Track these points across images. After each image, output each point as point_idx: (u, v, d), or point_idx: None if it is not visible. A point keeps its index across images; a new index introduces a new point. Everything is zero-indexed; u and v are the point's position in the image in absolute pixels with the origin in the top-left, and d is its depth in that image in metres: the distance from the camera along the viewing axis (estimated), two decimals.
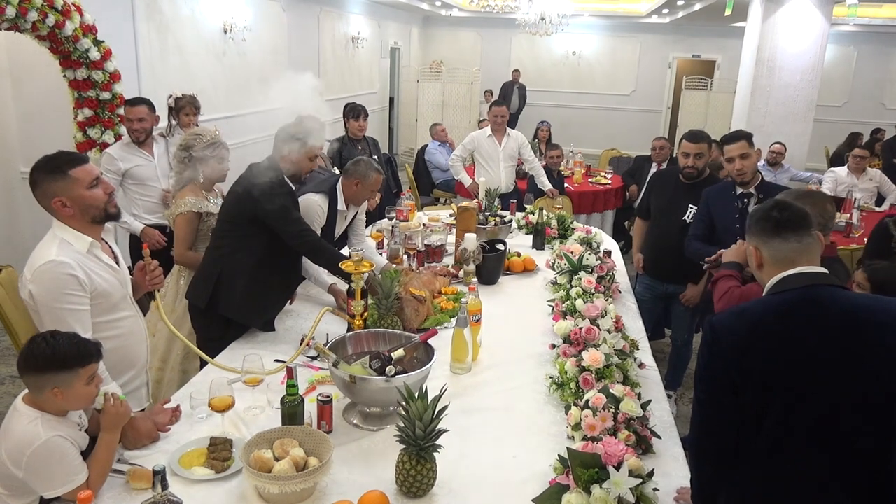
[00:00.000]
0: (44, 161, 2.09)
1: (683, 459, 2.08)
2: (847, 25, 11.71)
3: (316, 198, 3.13)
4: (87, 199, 2.06)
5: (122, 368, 2.25)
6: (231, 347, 2.74)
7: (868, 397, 1.52)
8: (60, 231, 2.07)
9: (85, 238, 2.09)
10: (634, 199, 6.78)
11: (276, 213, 2.77)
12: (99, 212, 2.10)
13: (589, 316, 2.68)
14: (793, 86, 7.16)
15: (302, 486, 1.76)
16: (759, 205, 1.83)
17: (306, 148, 2.86)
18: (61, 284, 2.00)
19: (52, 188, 2.03)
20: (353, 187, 3.21)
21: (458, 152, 5.84)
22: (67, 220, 2.07)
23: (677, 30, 13.45)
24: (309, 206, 3.08)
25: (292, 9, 7.98)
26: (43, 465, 1.70)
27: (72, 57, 4.38)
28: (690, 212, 3.70)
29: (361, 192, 3.23)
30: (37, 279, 2.00)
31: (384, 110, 12.21)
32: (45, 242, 2.07)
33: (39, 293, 2.00)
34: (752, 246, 1.78)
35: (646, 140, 7.96)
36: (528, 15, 9.62)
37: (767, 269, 1.73)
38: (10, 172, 5.08)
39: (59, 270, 1.99)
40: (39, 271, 2.00)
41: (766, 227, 1.72)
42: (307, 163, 2.93)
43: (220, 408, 2.10)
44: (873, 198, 6.37)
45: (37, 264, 2.01)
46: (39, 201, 2.08)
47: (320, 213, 3.13)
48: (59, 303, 2.00)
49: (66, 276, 2.00)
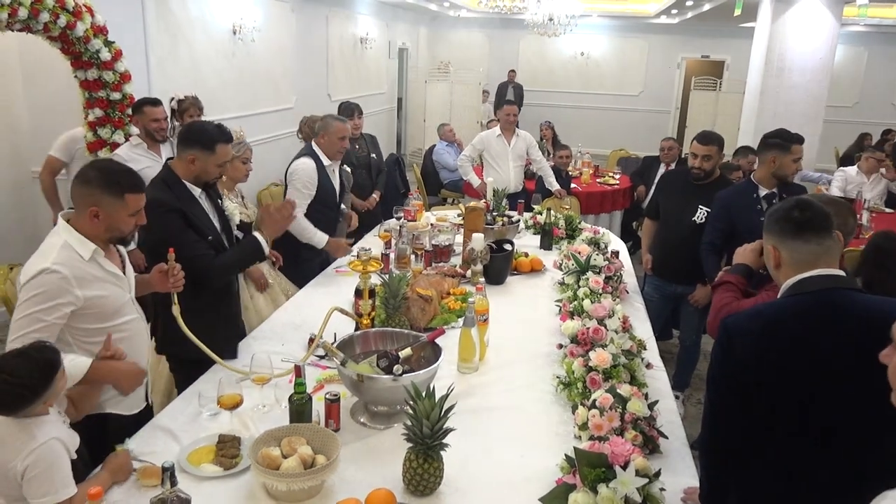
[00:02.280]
0: (109, 170, 2.08)
1: (690, 459, 2.07)
2: (857, 26, 11.63)
3: (305, 160, 3.78)
4: (121, 223, 2.07)
5: None
6: (238, 347, 2.74)
7: (882, 401, 1.51)
8: (66, 233, 2.04)
9: (90, 245, 2.05)
10: (642, 200, 6.76)
11: (154, 241, 2.43)
12: (120, 235, 2.12)
13: (596, 316, 2.68)
14: (802, 86, 7.12)
15: (309, 484, 1.77)
16: (779, 204, 1.78)
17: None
18: (47, 294, 1.95)
19: (99, 198, 2.02)
20: (322, 141, 3.81)
21: (467, 152, 5.85)
22: (84, 226, 2.05)
23: (686, 30, 13.39)
24: (302, 165, 3.75)
25: (301, 10, 8.00)
26: (40, 470, 1.67)
27: (83, 57, 4.40)
28: (700, 213, 3.69)
29: (330, 143, 3.79)
30: (27, 283, 1.96)
31: (392, 111, 12.23)
32: (49, 244, 2.04)
33: (24, 293, 1.97)
34: (770, 245, 1.73)
35: (654, 141, 7.94)
36: (537, 16, 9.61)
37: (785, 269, 1.69)
38: (21, 172, 5.12)
39: (49, 280, 1.95)
40: (32, 277, 1.96)
41: (787, 228, 1.68)
42: (215, 169, 2.62)
43: (228, 405, 2.12)
44: (883, 198, 6.33)
45: (32, 269, 1.97)
46: (76, 196, 2.06)
47: (312, 176, 3.73)
48: (35, 308, 1.94)
49: (55, 288, 1.95)
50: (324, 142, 3.80)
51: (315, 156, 3.79)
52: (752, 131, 7.33)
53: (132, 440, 2.04)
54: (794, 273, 1.66)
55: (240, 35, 6.60)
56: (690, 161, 3.74)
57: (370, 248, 3.21)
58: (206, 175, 2.60)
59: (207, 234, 2.59)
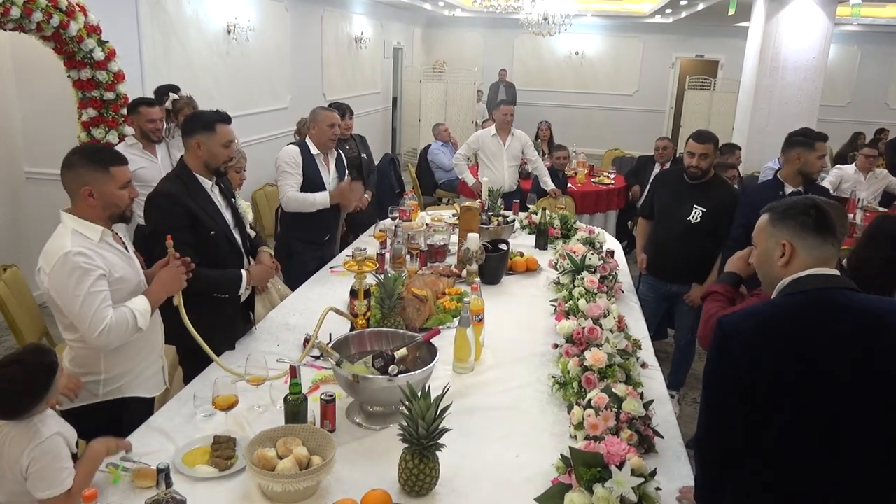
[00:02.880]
0: (89, 150, 2.21)
1: (686, 459, 2.08)
2: (851, 25, 11.68)
3: (290, 147, 3.90)
4: (114, 197, 2.15)
5: (141, 355, 2.32)
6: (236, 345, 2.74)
7: (878, 400, 1.52)
8: (72, 222, 2.12)
9: (96, 227, 2.14)
10: (637, 200, 6.78)
11: (150, 231, 2.54)
12: (118, 211, 2.19)
13: (591, 316, 2.68)
14: (796, 85, 7.14)
15: (305, 485, 1.77)
16: (789, 199, 1.75)
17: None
18: (78, 273, 2.04)
19: (87, 177, 2.11)
20: (313, 132, 3.92)
21: (462, 151, 5.85)
22: (85, 210, 2.13)
23: (680, 30, 13.42)
24: (284, 150, 3.88)
25: (295, 9, 7.99)
26: (45, 464, 1.73)
27: (76, 57, 4.39)
28: (695, 212, 3.70)
29: (320, 132, 3.88)
30: (54, 272, 2.05)
31: (387, 110, 12.22)
32: (58, 234, 2.12)
33: (59, 285, 2.05)
34: (784, 240, 1.67)
35: (649, 140, 7.96)
36: (531, 15, 9.62)
37: (797, 266, 1.65)
38: (14, 172, 5.10)
39: (76, 261, 2.04)
40: (56, 265, 2.04)
41: (807, 224, 1.65)
42: (221, 150, 2.65)
43: (223, 406, 2.11)
44: (877, 198, 6.35)
45: (53, 258, 2.05)
46: (66, 183, 2.14)
47: (296, 156, 3.82)
48: (80, 290, 2.04)
49: (83, 265, 2.05)
50: (314, 132, 3.90)
51: (303, 145, 3.93)
52: (746, 131, 7.36)
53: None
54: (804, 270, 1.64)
55: (234, 34, 6.59)
56: (687, 160, 3.74)
57: (365, 248, 3.21)
58: (214, 158, 2.64)
59: (213, 226, 2.63)
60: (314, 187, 3.86)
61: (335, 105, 5.13)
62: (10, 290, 3.18)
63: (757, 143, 7.14)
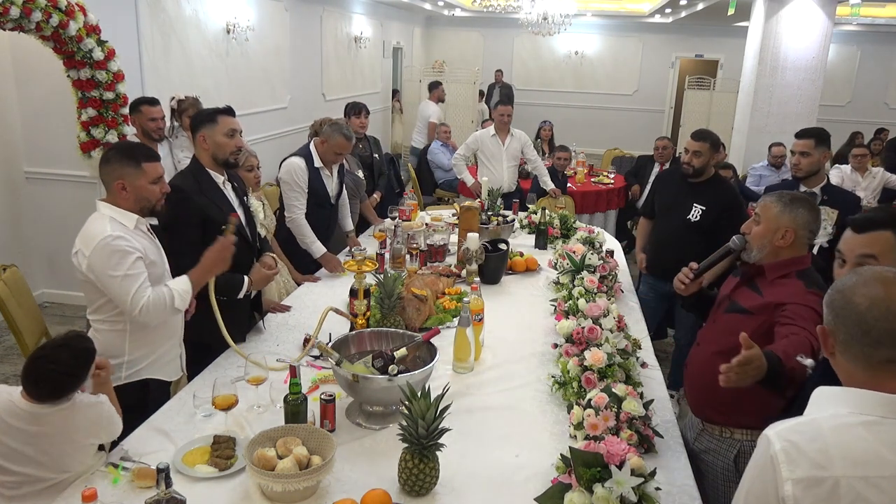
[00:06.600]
0: (125, 147, 2.36)
1: (685, 458, 2.08)
2: (850, 25, 11.68)
3: (295, 159, 3.74)
4: (146, 191, 2.27)
5: (162, 340, 2.40)
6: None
7: None
8: (108, 210, 2.25)
9: (131, 215, 2.27)
10: (637, 199, 6.78)
11: (163, 226, 2.56)
12: (149, 205, 2.31)
13: (591, 315, 2.68)
14: (796, 85, 7.15)
15: (305, 485, 1.77)
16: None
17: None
18: (120, 255, 2.16)
19: (121, 171, 2.24)
20: (321, 146, 3.76)
21: (461, 151, 5.85)
22: (119, 202, 2.26)
23: (680, 29, 13.42)
24: (291, 165, 3.72)
25: (295, 9, 7.98)
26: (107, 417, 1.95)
27: (75, 57, 4.39)
28: (694, 211, 3.70)
29: (327, 150, 3.74)
30: (95, 254, 2.15)
31: (387, 110, 12.21)
32: (96, 220, 2.23)
33: (100, 267, 2.16)
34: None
35: (648, 140, 7.96)
36: (531, 15, 9.62)
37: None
38: (14, 172, 5.10)
39: (116, 244, 2.16)
40: (98, 247, 2.15)
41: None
42: (225, 140, 2.70)
43: (223, 406, 2.11)
44: (876, 197, 6.36)
45: (94, 241, 2.16)
46: (103, 176, 2.28)
47: (300, 171, 3.70)
48: (120, 269, 2.16)
49: (124, 248, 2.17)
50: (322, 147, 3.78)
51: (308, 156, 3.78)
52: (745, 130, 7.36)
53: (126, 441, 2.05)
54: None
55: (233, 34, 6.58)
56: (682, 157, 3.78)
57: (365, 247, 3.21)
58: (220, 149, 2.69)
59: (224, 221, 2.64)
60: (318, 198, 3.82)
61: (353, 103, 5.14)
62: (10, 289, 3.18)
63: (757, 143, 7.14)
